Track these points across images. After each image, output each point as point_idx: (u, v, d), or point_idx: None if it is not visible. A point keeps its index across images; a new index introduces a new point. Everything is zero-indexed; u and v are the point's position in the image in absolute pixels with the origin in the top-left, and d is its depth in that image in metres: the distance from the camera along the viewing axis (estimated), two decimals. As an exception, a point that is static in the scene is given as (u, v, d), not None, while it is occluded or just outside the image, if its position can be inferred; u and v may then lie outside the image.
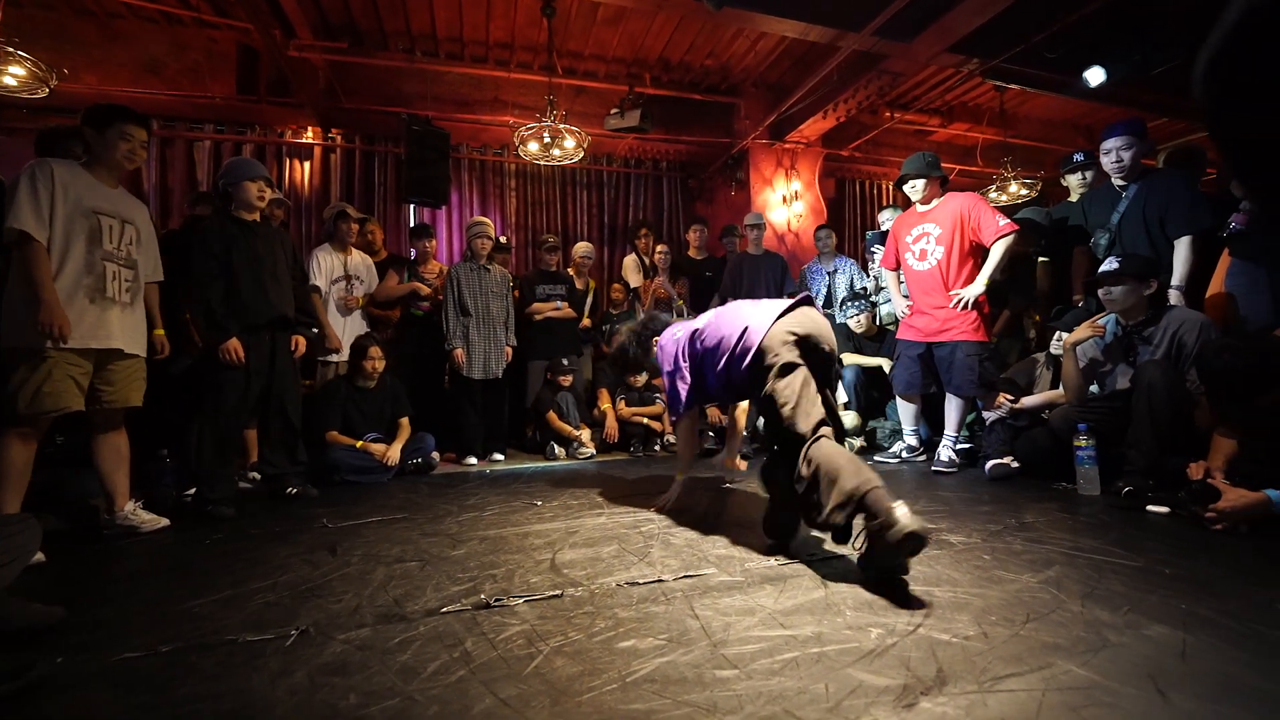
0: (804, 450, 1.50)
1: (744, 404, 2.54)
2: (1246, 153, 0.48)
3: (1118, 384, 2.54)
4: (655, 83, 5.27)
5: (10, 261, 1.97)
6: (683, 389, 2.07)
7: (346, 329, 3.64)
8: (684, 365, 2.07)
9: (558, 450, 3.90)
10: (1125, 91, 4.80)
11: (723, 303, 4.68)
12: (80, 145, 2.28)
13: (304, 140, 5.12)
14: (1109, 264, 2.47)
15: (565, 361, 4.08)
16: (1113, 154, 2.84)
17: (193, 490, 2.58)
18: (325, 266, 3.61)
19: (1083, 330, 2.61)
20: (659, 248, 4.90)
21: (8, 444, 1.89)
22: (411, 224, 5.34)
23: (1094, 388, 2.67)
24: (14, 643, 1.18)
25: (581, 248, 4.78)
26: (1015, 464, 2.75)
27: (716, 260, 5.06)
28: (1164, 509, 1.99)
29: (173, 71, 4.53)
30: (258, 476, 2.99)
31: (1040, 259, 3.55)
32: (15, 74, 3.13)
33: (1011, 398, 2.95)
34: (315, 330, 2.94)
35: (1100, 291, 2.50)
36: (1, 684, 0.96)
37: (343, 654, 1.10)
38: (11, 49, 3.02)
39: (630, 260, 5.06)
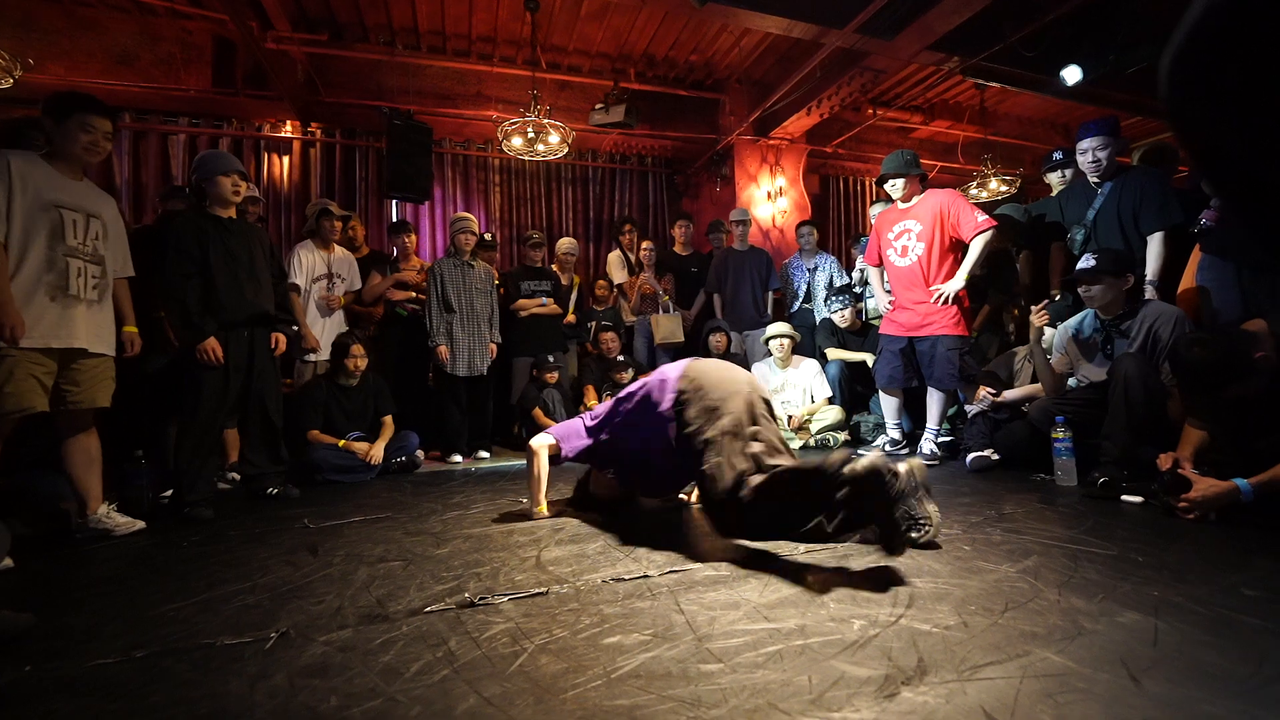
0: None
1: None
2: (1211, 154, 0.48)
3: (1097, 377, 2.59)
4: (640, 78, 5.26)
5: None
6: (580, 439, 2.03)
7: (327, 328, 3.59)
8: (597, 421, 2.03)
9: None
10: (1100, 90, 4.89)
11: (709, 298, 4.75)
12: (42, 136, 2.20)
13: (283, 134, 5.01)
14: (1085, 261, 2.51)
15: (551, 358, 4.06)
16: (1089, 154, 2.89)
17: (169, 491, 2.53)
18: (306, 264, 3.55)
19: (1034, 320, 2.70)
20: (644, 244, 4.90)
21: None
22: (395, 218, 5.28)
23: (1072, 380, 2.72)
24: (-19, 650, 1.15)
25: (565, 243, 4.76)
26: (995, 456, 2.80)
27: (702, 256, 5.07)
28: (1137, 499, 2.04)
29: (145, 63, 4.41)
30: (237, 477, 2.94)
31: (1020, 253, 3.61)
32: (-22, 64, 3.03)
33: (993, 391, 3.00)
34: (295, 328, 2.89)
35: (1080, 289, 2.54)
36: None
37: (324, 656, 1.08)
38: (-27, 38, 2.92)
39: (615, 256, 5.05)
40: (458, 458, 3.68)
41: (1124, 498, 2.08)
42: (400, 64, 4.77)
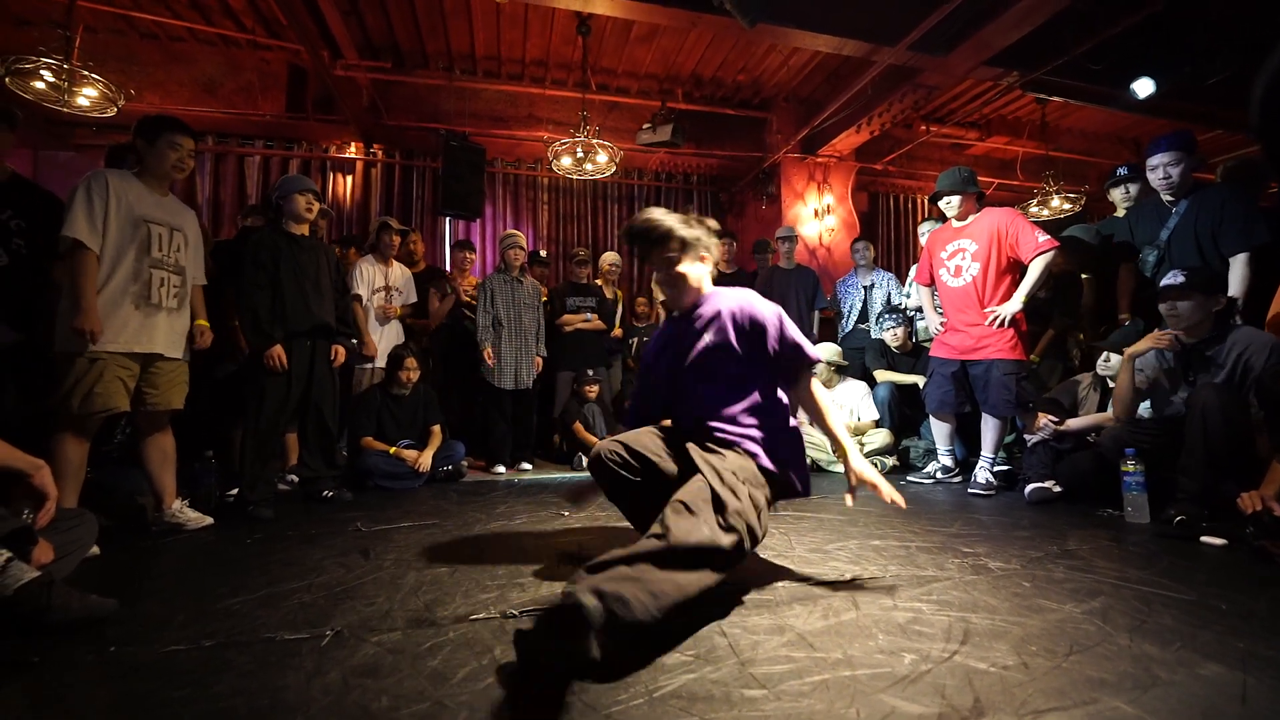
0: None
1: None
2: None
3: (1175, 406, 2.42)
4: (687, 98, 5.32)
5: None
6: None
7: (384, 338, 3.75)
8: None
9: (584, 461, 3.91)
10: (1174, 103, 4.64)
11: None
12: (135, 156, 2.38)
13: (347, 155, 5.32)
14: (1172, 277, 2.35)
15: (590, 373, 4.10)
16: (1160, 170, 2.73)
17: (234, 490, 2.68)
18: (367, 276, 3.73)
19: (1147, 340, 2.45)
20: (688, 261, 4.91)
21: (64, 442, 1.99)
22: (448, 236, 5.51)
23: (1145, 406, 2.55)
24: (71, 631, 1.24)
25: (609, 257, 4.83)
26: (1057, 488, 2.65)
27: (746, 274, 5.03)
28: (1219, 540, 1.88)
29: (228, 90, 4.78)
30: (295, 479, 3.08)
31: (1084, 275, 3.44)
32: (89, 95, 3.35)
33: (1055, 419, 2.85)
34: (354, 340, 3.03)
35: (1162, 306, 2.37)
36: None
37: (375, 656, 1.12)
38: (86, 72, 3.23)
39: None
40: (501, 468, 3.75)
41: (1204, 539, 1.93)
42: (457, 88, 4.99)
